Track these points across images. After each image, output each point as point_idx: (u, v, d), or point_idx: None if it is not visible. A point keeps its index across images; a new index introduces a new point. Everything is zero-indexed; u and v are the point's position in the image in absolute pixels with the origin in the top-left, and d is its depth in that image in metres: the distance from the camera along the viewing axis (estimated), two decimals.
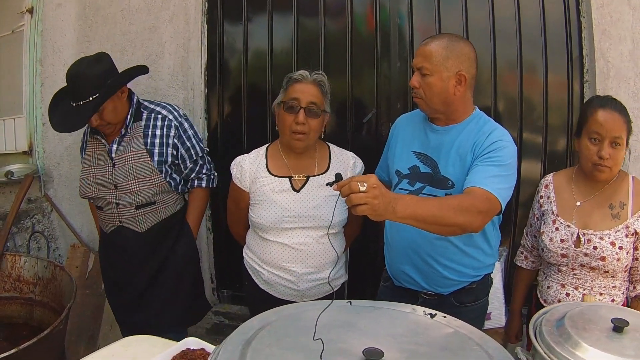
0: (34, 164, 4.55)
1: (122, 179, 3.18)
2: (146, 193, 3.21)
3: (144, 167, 3.18)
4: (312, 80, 2.87)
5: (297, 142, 2.86)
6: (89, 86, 3.00)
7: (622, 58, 3.52)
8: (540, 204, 2.96)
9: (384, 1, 3.85)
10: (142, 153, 3.19)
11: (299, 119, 2.80)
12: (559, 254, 2.77)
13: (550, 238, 2.80)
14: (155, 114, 3.27)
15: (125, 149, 3.20)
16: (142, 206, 3.23)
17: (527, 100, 3.79)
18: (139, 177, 3.18)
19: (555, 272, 2.86)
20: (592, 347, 1.64)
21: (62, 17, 4.32)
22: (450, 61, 2.48)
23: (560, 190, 2.90)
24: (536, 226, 2.99)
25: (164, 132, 3.24)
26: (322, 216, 2.86)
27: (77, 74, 3.04)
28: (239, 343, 1.50)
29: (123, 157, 3.20)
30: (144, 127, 3.23)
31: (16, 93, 4.58)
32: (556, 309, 1.95)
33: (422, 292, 2.72)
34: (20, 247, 4.39)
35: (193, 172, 3.39)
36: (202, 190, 3.46)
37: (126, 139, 3.22)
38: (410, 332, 1.66)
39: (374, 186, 1.87)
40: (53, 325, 2.80)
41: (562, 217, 2.82)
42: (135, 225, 3.26)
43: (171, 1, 4.03)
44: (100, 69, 3.07)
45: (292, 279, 2.89)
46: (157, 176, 3.21)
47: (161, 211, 3.30)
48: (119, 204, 3.22)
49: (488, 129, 2.54)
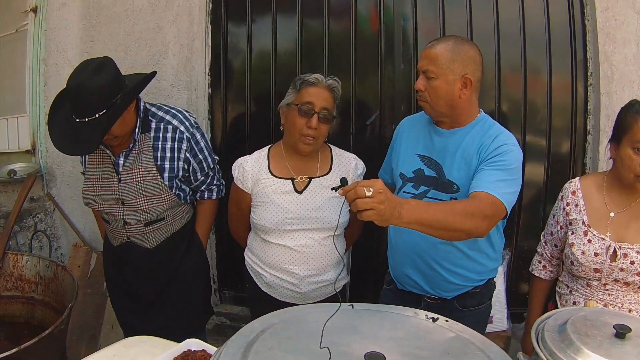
0: (36, 163, 4.56)
1: (130, 196, 2.97)
2: (156, 210, 3.02)
3: (153, 184, 2.97)
4: (327, 85, 2.84)
5: (306, 146, 2.84)
6: (96, 100, 2.68)
7: (626, 61, 3.52)
8: (567, 212, 2.75)
9: (389, 3, 3.85)
10: (152, 170, 2.97)
11: (312, 124, 2.77)
12: (591, 268, 2.59)
13: (582, 251, 2.61)
14: (165, 124, 3.01)
15: (134, 164, 2.97)
16: (151, 223, 3.05)
17: (531, 103, 3.80)
18: (148, 195, 2.97)
19: (583, 286, 2.68)
20: (594, 353, 1.63)
21: (66, 17, 4.32)
22: (456, 64, 2.45)
23: (590, 198, 2.70)
24: (559, 235, 2.82)
25: (175, 145, 3.00)
26: (324, 218, 2.85)
27: (80, 85, 2.68)
28: (240, 345, 1.49)
29: (131, 173, 2.97)
30: (153, 139, 2.98)
31: (19, 92, 4.58)
32: (559, 314, 1.93)
33: (425, 296, 2.71)
34: (23, 246, 4.39)
35: (204, 184, 3.21)
36: (212, 201, 3.31)
37: (134, 152, 2.97)
38: (412, 336, 1.65)
39: (380, 191, 1.85)
40: (54, 324, 2.81)
41: (594, 228, 2.64)
42: (144, 242, 3.10)
43: (175, 1, 4.03)
44: (105, 80, 2.71)
45: (295, 282, 2.88)
46: (167, 193, 3.01)
47: (171, 226, 3.13)
48: (127, 222, 3.03)
49: (494, 132, 2.52)
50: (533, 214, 3.94)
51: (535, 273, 2.98)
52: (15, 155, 4.66)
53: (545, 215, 3.88)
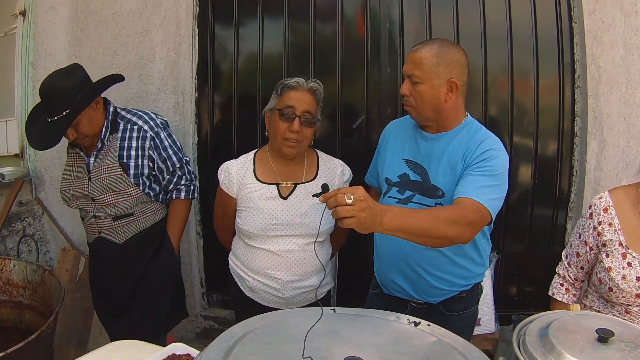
0: (25, 167, 4.54)
1: (98, 192, 3.16)
2: (123, 205, 3.19)
3: (117, 180, 3.14)
4: (308, 88, 2.83)
5: (289, 150, 2.83)
6: (62, 100, 2.95)
7: (613, 64, 3.54)
8: (599, 232, 2.48)
9: (375, 5, 3.85)
10: (116, 167, 3.14)
11: (293, 127, 2.76)
12: (633, 294, 2.36)
13: (622, 276, 2.37)
14: (131, 125, 3.21)
15: (101, 162, 3.16)
16: (119, 217, 3.21)
17: (518, 106, 3.81)
18: (114, 190, 3.15)
19: (621, 313, 2.43)
20: (575, 358, 1.62)
21: (55, 20, 4.31)
22: (441, 68, 2.42)
23: (624, 215, 2.44)
24: (587, 257, 2.56)
25: (139, 143, 3.18)
26: (309, 224, 2.83)
27: (48, 88, 2.99)
28: (220, 350, 1.49)
29: (98, 171, 3.16)
30: (119, 139, 3.18)
31: (8, 95, 4.56)
32: (540, 318, 1.92)
33: (411, 300, 2.68)
34: (11, 251, 4.38)
35: (171, 183, 3.34)
36: (180, 201, 3.39)
37: (102, 152, 3.17)
38: (393, 340, 1.65)
39: (360, 199, 1.83)
40: (41, 329, 2.79)
41: (633, 249, 2.39)
42: (113, 237, 3.24)
43: (162, 5, 4.02)
44: (72, 82, 3.00)
45: (277, 287, 2.87)
46: (132, 188, 3.17)
47: (140, 222, 3.27)
48: (97, 216, 3.21)
49: (479, 137, 2.49)
50: (520, 217, 3.95)
51: (557, 297, 2.70)
52: (4, 159, 4.64)
53: (533, 218, 3.91)
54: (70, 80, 3.00)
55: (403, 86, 2.51)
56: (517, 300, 4.08)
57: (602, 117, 3.60)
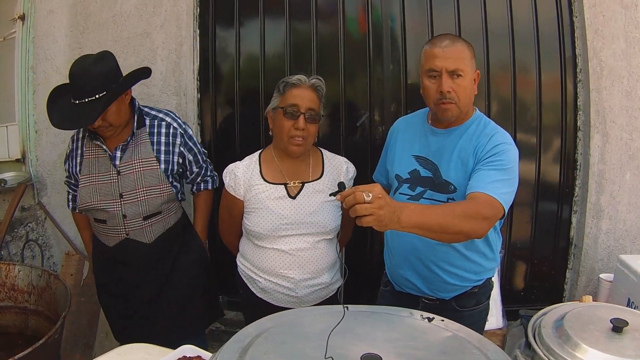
0: (27, 172, 4.52)
1: (129, 187, 3.10)
2: (153, 202, 3.14)
3: (152, 175, 3.12)
4: (310, 85, 2.83)
5: (295, 148, 2.83)
6: (95, 84, 2.90)
7: (615, 57, 3.54)
8: None
9: (376, 3, 3.86)
10: (151, 160, 3.12)
11: (299, 125, 2.76)
12: None
13: None
14: (158, 121, 3.20)
15: (132, 156, 3.11)
16: (149, 217, 3.16)
17: (520, 101, 3.81)
18: (147, 186, 3.11)
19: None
20: (591, 347, 1.63)
21: (54, 24, 4.30)
22: (473, 61, 2.49)
23: None
24: None
25: (169, 139, 3.18)
26: (318, 222, 2.83)
27: (81, 70, 2.94)
28: (235, 351, 1.48)
29: (130, 165, 3.10)
30: (148, 134, 3.16)
31: (8, 100, 4.55)
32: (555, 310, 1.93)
33: (423, 297, 2.69)
34: (15, 256, 4.36)
35: (199, 176, 3.38)
36: (208, 192, 3.43)
37: (131, 145, 3.12)
38: (408, 336, 1.65)
39: (379, 196, 1.82)
40: (48, 334, 2.78)
41: None
42: (142, 237, 3.19)
43: (163, 6, 4.01)
44: (105, 68, 2.97)
45: (290, 286, 2.86)
46: (165, 185, 3.15)
47: (166, 220, 3.25)
48: (126, 215, 3.12)
49: (489, 131, 2.51)
50: (525, 212, 3.95)
51: None
52: (5, 165, 4.63)
53: (538, 212, 3.92)
54: (102, 65, 2.97)
55: (444, 84, 2.44)
56: (523, 296, 4.09)
57: (605, 111, 3.60)
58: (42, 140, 4.42)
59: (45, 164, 4.48)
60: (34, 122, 4.42)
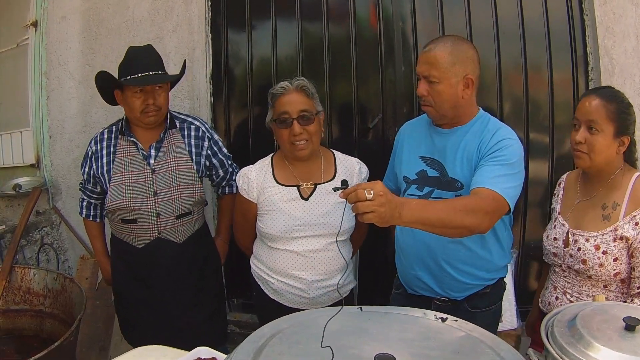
0: (41, 177, 4.57)
1: (164, 185, 3.14)
2: (186, 201, 3.19)
3: (186, 173, 3.19)
4: (295, 88, 2.84)
5: (300, 152, 2.84)
6: (159, 62, 3.12)
7: (626, 55, 3.52)
8: (552, 202, 2.87)
9: (387, 4, 3.86)
10: (186, 159, 3.20)
11: (294, 131, 2.78)
12: (551, 252, 2.70)
13: (547, 235, 2.75)
14: (188, 124, 3.28)
15: (167, 154, 3.18)
16: (181, 216, 3.19)
17: (532, 100, 3.80)
18: (182, 184, 3.16)
19: (552, 272, 2.78)
20: (604, 346, 1.62)
21: (67, 30, 4.33)
22: (457, 67, 2.45)
23: (568, 188, 2.78)
24: None
25: (198, 142, 3.25)
26: (331, 223, 2.84)
27: (144, 51, 3.14)
28: (250, 351, 1.49)
29: (165, 163, 3.16)
30: (180, 135, 3.24)
31: (22, 106, 4.60)
32: (568, 309, 1.93)
33: (435, 298, 2.70)
34: (30, 260, 4.40)
35: (224, 180, 3.43)
36: (233, 195, 3.41)
37: (164, 145, 3.19)
38: (422, 336, 1.65)
39: (380, 193, 1.85)
40: (63, 337, 2.80)
41: (562, 215, 2.72)
42: (174, 236, 3.21)
43: (174, 11, 4.04)
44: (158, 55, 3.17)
45: (302, 287, 2.87)
46: (197, 185, 3.22)
47: (196, 221, 3.31)
48: (160, 214, 3.14)
49: (492, 127, 2.52)
50: (539, 211, 3.94)
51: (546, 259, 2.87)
52: (20, 170, 4.68)
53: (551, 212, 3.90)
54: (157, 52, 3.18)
55: (420, 87, 2.52)
56: None
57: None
58: (56, 146, 4.46)
59: (59, 169, 4.52)
60: (48, 127, 4.47)
